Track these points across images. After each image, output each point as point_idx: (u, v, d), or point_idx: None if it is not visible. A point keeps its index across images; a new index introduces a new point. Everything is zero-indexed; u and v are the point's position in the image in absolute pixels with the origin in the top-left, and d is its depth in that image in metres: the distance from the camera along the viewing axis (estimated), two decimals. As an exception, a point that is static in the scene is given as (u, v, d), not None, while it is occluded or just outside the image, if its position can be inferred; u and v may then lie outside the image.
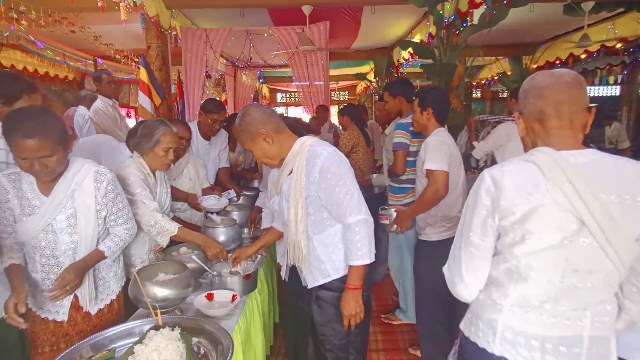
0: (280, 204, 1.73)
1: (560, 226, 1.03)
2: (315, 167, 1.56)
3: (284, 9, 5.46)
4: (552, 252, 1.05)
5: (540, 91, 1.11)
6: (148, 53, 4.95)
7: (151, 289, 1.50)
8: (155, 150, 1.95)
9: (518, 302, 1.12)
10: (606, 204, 1.01)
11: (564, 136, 1.10)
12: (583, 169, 1.04)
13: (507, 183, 1.07)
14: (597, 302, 1.08)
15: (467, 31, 4.64)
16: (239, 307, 1.71)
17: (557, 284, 1.07)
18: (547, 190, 1.03)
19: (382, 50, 8.24)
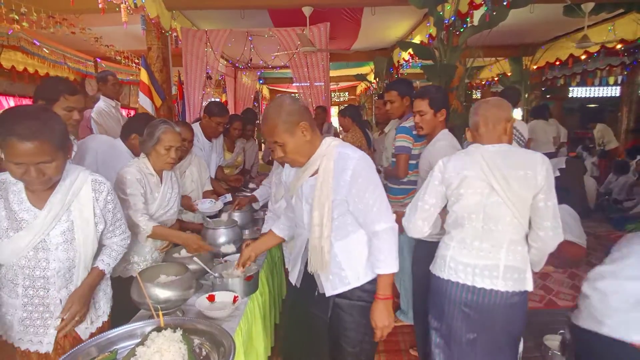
0: (298, 207, 1.64)
1: (479, 190, 1.68)
2: (346, 170, 1.49)
3: (284, 10, 5.47)
4: (475, 207, 1.69)
5: (476, 111, 1.79)
6: (149, 54, 4.95)
7: (153, 290, 1.50)
8: (157, 148, 1.96)
9: (458, 242, 1.75)
10: (506, 176, 1.64)
11: (488, 136, 1.74)
12: (495, 155, 1.68)
13: (449, 165, 1.75)
14: (509, 241, 1.67)
15: (467, 32, 4.65)
16: (241, 308, 1.71)
17: (480, 228, 1.70)
18: (471, 167, 1.69)
19: (382, 51, 8.25)
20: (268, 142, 1.53)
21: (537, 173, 1.63)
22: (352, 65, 9.65)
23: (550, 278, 3.72)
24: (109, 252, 1.58)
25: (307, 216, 1.59)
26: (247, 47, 6.12)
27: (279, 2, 5.00)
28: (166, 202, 2.08)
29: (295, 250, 1.75)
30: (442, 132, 2.33)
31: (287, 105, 1.49)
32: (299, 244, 1.70)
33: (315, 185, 1.52)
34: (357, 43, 7.62)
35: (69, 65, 6.37)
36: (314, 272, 1.60)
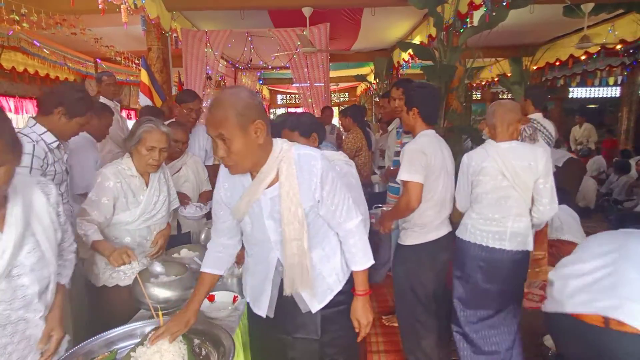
0: (257, 226, 1.42)
1: (493, 177, 2.18)
2: (315, 171, 1.36)
3: (284, 10, 5.48)
4: (491, 189, 2.20)
5: (494, 114, 2.24)
6: (149, 55, 4.96)
7: (153, 290, 1.51)
8: (138, 148, 1.86)
9: (477, 214, 2.26)
10: (515, 167, 2.14)
11: (502, 135, 2.22)
12: (507, 151, 2.18)
13: (471, 158, 2.26)
14: (515, 214, 2.19)
15: (467, 33, 4.65)
16: (240, 308, 1.71)
17: (494, 204, 2.21)
18: (488, 160, 2.18)
19: (382, 51, 8.26)
20: (212, 135, 1.29)
21: (538, 163, 2.15)
22: (352, 66, 9.67)
23: (550, 278, 3.72)
24: (66, 264, 1.39)
25: (275, 233, 1.40)
26: (247, 47, 6.12)
27: (278, 2, 5.01)
28: (152, 207, 1.94)
29: (257, 277, 1.51)
30: (421, 132, 2.25)
31: (246, 97, 1.29)
32: (263, 268, 1.48)
33: (281, 196, 1.34)
34: (357, 43, 7.63)
35: (69, 66, 6.39)
36: (294, 292, 1.43)
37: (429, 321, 2.31)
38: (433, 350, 2.34)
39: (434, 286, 2.32)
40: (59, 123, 1.93)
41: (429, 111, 2.29)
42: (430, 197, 2.21)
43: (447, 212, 2.32)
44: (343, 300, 1.52)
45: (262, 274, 1.49)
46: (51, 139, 1.93)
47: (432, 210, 2.24)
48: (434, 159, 2.17)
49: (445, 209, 2.29)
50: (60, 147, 2.01)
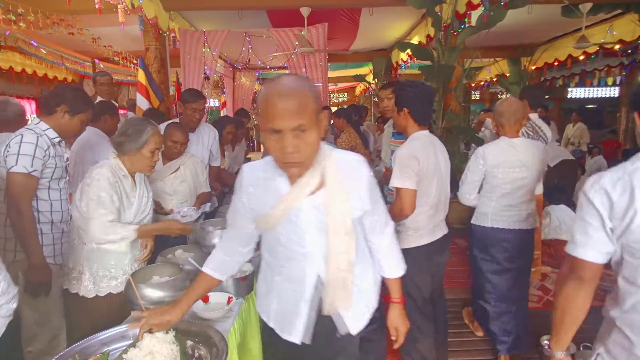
0: (295, 237, 1.24)
1: (512, 168, 2.42)
2: (362, 177, 1.23)
3: (283, 10, 5.47)
4: (507, 179, 2.43)
5: (502, 113, 2.44)
6: (146, 55, 4.95)
7: (146, 291, 1.49)
8: (142, 151, 1.84)
9: (496, 202, 2.48)
10: (526, 156, 2.42)
11: (511, 131, 2.45)
12: (518, 144, 2.44)
13: (487, 152, 2.43)
14: (528, 199, 2.50)
15: (465, 33, 4.65)
16: (235, 309, 1.70)
17: (511, 191, 2.44)
18: (503, 154, 2.42)
19: (381, 51, 8.26)
20: (285, 128, 1.07)
21: (539, 154, 2.49)
22: (351, 66, 9.66)
23: (548, 279, 3.71)
24: None
25: (316, 246, 1.24)
26: (245, 47, 6.11)
27: (276, 2, 5.01)
28: (143, 207, 1.96)
29: (288, 298, 1.32)
30: (412, 136, 2.19)
31: (313, 85, 1.16)
32: (297, 286, 1.29)
33: (328, 204, 1.19)
34: (356, 43, 7.62)
35: (66, 66, 6.37)
36: (334, 313, 1.29)
37: (425, 324, 2.28)
38: (430, 351, 2.32)
39: (430, 289, 2.30)
40: (62, 121, 2.02)
41: (421, 111, 2.20)
42: (424, 201, 2.14)
43: (442, 215, 2.27)
44: (376, 317, 1.42)
45: (296, 294, 1.29)
46: (53, 135, 2.03)
47: (425, 215, 2.17)
48: (426, 163, 2.10)
49: (439, 212, 2.24)
50: (61, 144, 2.10)
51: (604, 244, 1.10)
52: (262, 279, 1.42)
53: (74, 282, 1.83)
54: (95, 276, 1.83)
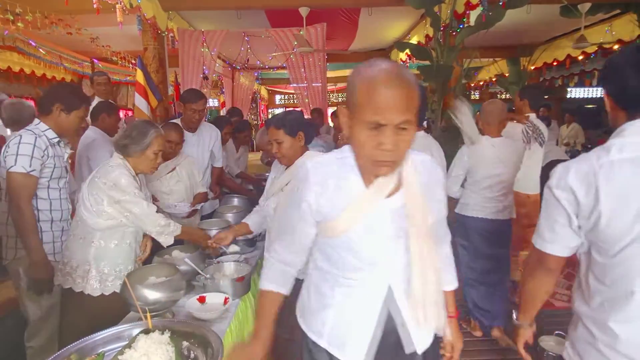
0: (370, 245, 1.09)
1: (491, 163, 2.69)
2: (439, 178, 1.17)
3: (282, 10, 5.47)
4: (488, 174, 2.71)
5: (488, 115, 2.71)
6: (145, 55, 4.94)
7: (142, 292, 1.49)
8: (147, 153, 1.89)
9: (477, 194, 2.78)
10: (505, 154, 2.70)
11: (494, 132, 2.72)
12: (498, 143, 2.70)
13: (471, 150, 2.73)
14: (506, 191, 2.76)
15: (463, 32, 4.64)
16: (231, 310, 1.69)
17: (491, 184, 2.72)
18: (485, 152, 2.69)
19: (381, 51, 8.25)
20: (390, 122, 0.95)
21: (516, 153, 2.77)
22: (350, 66, 9.64)
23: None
24: None
25: (395, 255, 1.10)
26: (244, 47, 6.11)
27: (275, 2, 5.00)
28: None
29: (353, 312, 1.14)
30: (416, 134, 2.24)
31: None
32: (366, 300, 1.13)
33: (408, 206, 1.07)
34: (355, 43, 7.61)
35: (65, 66, 6.36)
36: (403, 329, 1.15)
37: None
38: None
39: None
40: (59, 119, 2.08)
41: (420, 113, 2.29)
42: None
43: None
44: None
45: (364, 309, 1.13)
46: (52, 135, 2.08)
47: None
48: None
49: None
50: (60, 144, 2.15)
51: (570, 239, 1.11)
52: (315, 292, 1.20)
53: (78, 281, 1.84)
54: (101, 274, 1.85)
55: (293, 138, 1.91)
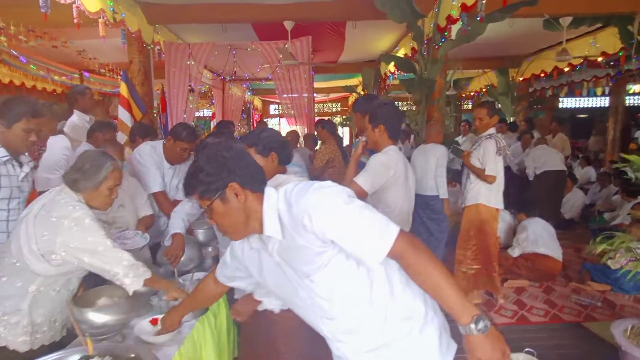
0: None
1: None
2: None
3: (268, 24, 5.51)
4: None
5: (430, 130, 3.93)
6: (130, 67, 4.97)
7: (87, 315, 1.47)
8: (100, 189, 1.63)
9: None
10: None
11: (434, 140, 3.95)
12: (428, 148, 3.90)
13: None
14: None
15: (445, 46, 4.68)
16: (184, 332, 1.67)
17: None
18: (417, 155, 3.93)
19: (371, 63, 8.30)
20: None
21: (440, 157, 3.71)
22: (342, 77, 9.70)
23: (525, 292, 3.69)
24: None
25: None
26: (230, 60, 6.15)
27: (260, 16, 5.03)
28: None
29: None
30: (386, 148, 2.23)
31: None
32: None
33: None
34: (345, 55, 7.66)
35: (53, 78, 6.38)
36: None
37: None
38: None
39: None
40: (3, 135, 1.89)
41: (395, 127, 2.31)
42: (391, 211, 2.19)
43: (407, 227, 2.30)
44: None
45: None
46: (3, 153, 1.90)
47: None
48: (399, 172, 2.20)
49: (405, 224, 2.27)
50: (14, 163, 1.95)
51: None
52: None
53: (3, 334, 1.55)
54: (34, 325, 1.59)
55: (265, 158, 1.76)
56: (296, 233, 1.07)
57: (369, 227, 1.05)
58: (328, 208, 1.05)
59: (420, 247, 1.06)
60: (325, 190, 1.08)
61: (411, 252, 1.05)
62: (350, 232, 1.04)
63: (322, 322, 1.19)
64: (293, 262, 1.13)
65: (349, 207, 1.05)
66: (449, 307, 1.04)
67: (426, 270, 1.04)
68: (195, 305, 1.63)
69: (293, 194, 1.09)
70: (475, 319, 1.01)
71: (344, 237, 1.05)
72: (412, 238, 1.07)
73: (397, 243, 1.04)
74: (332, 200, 1.06)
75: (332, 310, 1.15)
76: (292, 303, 1.25)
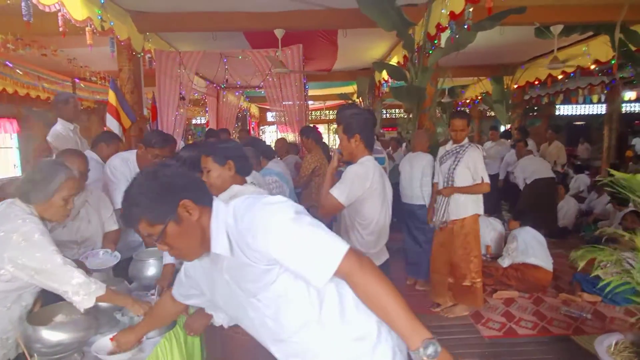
0: None
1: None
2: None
3: (260, 32, 5.50)
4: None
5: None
6: (120, 75, 4.96)
7: (42, 333, 1.42)
8: (54, 200, 1.56)
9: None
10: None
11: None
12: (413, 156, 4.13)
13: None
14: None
15: (435, 54, 4.66)
16: (146, 350, 1.61)
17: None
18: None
19: (365, 70, 8.30)
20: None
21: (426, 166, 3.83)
22: (337, 85, 9.70)
23: (514, 304, 3.61)
24: None
25: None
26: (222, 68, 6.14)
27: (250, 25, 5.03)
28: None
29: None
30: (361, 159, 2.15)
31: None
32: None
33: None
34: (338, 63, 7.66)
35: (44, 86, 6.37)
36: None
37: None
38: None
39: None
40: None
41: (370, 136, 2.22)
42: (368, 223, 2.13)
43: (385, 239, 2.24)
44: None
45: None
46: None
47: (372, 237, 2.15)
48: (376, 184, 2.12)
49: (383, 236, 2.21)
50: None
51: None
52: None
53: None
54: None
55: (221, 167, 1.79)
56: (241, 250, 1.02)
57: (314, 245, 0.99)
58: (272, 226, 1.00)
59: (369, 267, 1.01)
60: (272, 206, 1.03)
61: (359, 272, 0.99)
62: (295, 251, 0.99)
63: (272, 342, 1.14)
64: (240, 280, 1.08)
65: (294, 224, 1.00)
66: (398, 331, 0.99)
67: (374, 292, 0.98)
68: (154, 324, 1.57)
69: (240, 209, 1.04)
70: (425, 344, 0.95)
71: (287, 256, 1.00)
72: (362, 257, 1.02)
73: (344, 263, 0.98)
74: (277, 218, 1.00)
75: (279, 331, 1.10)
76: (243, 323, 1.20)
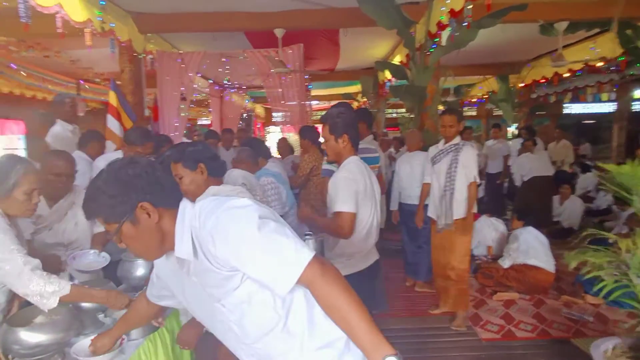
0: None
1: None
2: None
3: (261, 32, 5.50)
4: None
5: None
6: (121, 76, 4.99)
7: (19, 335, 1.41)
8: (14, 195, 1.55)
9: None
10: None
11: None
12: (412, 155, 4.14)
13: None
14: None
15: (436, 53, 4.61)
16: (127, 352, 1.60)
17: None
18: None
19: (369, 70, 8.25)
20: None
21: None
22: (341, 85, 9.67)
23: (514, 306, 3.55)
24: None
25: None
26: (222, 68, 6.15)
27: (250, 25, 5.03)
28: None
29: None
30: (348, 159, 2.11)
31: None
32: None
33: None
34: (342, 62, 7.63)
35: (49, 88, 6.44)
36: None
37: None
38: None
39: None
40: None
41: (356, 136, 2.18)
42: (359, 226, 2.10)
43: (373, 240, 2.20)
44: None
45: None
46: None
47: (361, 237, 2.11)
48: (362, 185, 2.08)
49: (371, 237, 2.17)
50: None
51: None
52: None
53: None
54: None
55: (193, 171, 1.76)
56: (205, 254, 1.00)
57: (276, 253, 0.96)
58: (232, 232, 0.96)
59: (333, 277, 0.97)
60: (235, 211, 0.99)
61: (321, 282, 0.95)
62: (255, 259, 0.95)
63: (240, 347, 1.12)
64: (205, 284, 1.06)
65: (257, 231, 0.95)
66: (359, 344, 0.94)
67: (336, 302, 0.94)
68: (130, 326, 1.55)
69: (204, 212, 1.01)
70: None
71: (247, 264, 0.96)
72: (325, 266, 0.97)
73: (306, 271, 0.94)
74: (239, 224, 0.97)
75: (245, 337, 1.07)
76: (213, 327, 1.18)
